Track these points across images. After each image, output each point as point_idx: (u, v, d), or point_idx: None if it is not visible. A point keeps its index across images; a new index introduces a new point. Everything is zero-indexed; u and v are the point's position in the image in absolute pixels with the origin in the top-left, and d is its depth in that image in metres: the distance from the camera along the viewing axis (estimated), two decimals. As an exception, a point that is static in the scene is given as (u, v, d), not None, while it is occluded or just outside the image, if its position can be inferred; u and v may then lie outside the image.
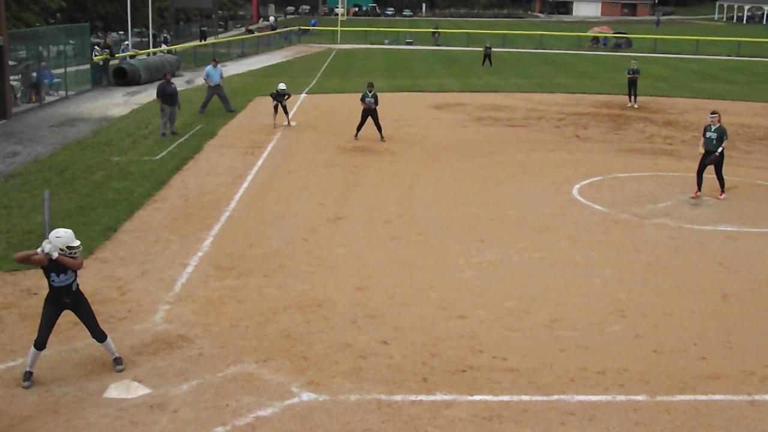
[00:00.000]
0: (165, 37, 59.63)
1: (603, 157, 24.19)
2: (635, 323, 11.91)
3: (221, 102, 31.64)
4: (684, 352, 10.96)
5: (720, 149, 18.82)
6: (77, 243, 9.58)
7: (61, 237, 9.48)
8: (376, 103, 25.73)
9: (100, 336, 10.06)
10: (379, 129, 25.90)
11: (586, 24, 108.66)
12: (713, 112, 19.30)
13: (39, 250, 9.32)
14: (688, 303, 12.77)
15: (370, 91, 25.69)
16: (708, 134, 19.06)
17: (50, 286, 9.73)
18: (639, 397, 9.68)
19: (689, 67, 57.23)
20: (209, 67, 31.41)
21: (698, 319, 12.16)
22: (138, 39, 59.46)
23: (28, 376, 9.75)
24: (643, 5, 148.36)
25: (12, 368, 10.14)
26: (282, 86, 28.26)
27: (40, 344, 9.72)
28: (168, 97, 25.89)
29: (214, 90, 31.24)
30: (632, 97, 35.41)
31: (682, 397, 9.71)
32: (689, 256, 15.12)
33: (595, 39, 79.05)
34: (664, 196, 19.42)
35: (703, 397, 9.73)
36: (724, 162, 19.18)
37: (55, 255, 9.29)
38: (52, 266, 9.49)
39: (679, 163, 23.45)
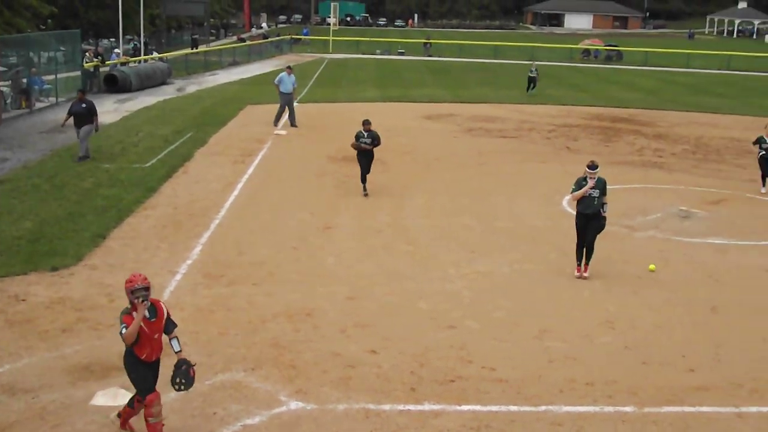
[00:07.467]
0: (134, 44, 59.04)
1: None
2: (624, 335, 11.93)
3: (288, 114, 30.68)
4: (673, 364, 10.98)
5: (605, 210, 14.29)
6: None
7: None
8: (374, 143, 19.90)
9: None
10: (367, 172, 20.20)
11: (577, 36, 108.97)
12: (592, 166, 14.13)
13: None
14: (677, 315, 12.81)
15: (366, 131, 19.90)
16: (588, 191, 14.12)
17: None
18: (627, 409, 9.70)
19: (680, 80, 57.46)
20: (283, 74, 30.55)
21: (687, 331, 12.20)
22: (129, 46, 59.35)
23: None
24: (634, 18, 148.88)
25: (-1, 375, 10.12)
26: None
27: None
28: (75, 117, 23.16)
29: (286, 99, 30.40)
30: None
31: (670, 409, 9.73)
32: (678, 269, 15.17)
33: (587, 51, 79.30)
34: (654, 208, 19.47)
35: (691, 409, 9.76)
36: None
37: None
38: None
39: (668, 176, 23.54)
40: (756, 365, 11.04)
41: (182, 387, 8.60)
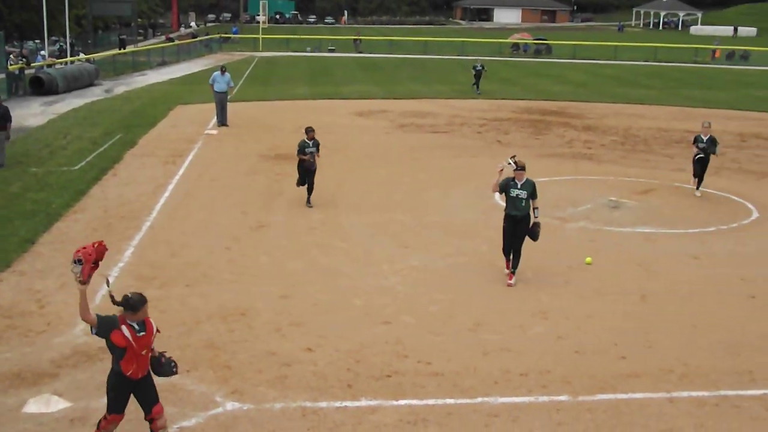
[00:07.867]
0: (60, 46, 57.89)
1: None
2: (557, 325, 12.10)
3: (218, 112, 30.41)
4: (605, 353, 11.18)
5: (536, 214, 13.77)
6: None
7: None
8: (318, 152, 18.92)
9: None
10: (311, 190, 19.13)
11: (506, 30, 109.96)
12: (517, 165, 13.76)
13: None
14: (609, 304, 13.04)
15: (311, 139, 18.77)
16: (514, 192, 13.69)
17: None
18: (561, 398, 9.84)
19: (607, 73, 58.42)
20: (216, 73, 30.14)
21: (618, 319, 12.43)
22: (55, 47, 58.19)
23: None
24: (562, 12, 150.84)
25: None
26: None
27: None
28: None
29: (219, 98, 30.04)
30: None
31: (603, 396, 9.91)
32: (609, 258, 15.43)
33: (516, 45, 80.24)
34: (584, 199, 19.77)
35: (624, 396, 9.95)
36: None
37: None
38: None
39: (598, 167, 23.93)
40: (685, 351, 11.30)
41: (175, 370, 8.47)
